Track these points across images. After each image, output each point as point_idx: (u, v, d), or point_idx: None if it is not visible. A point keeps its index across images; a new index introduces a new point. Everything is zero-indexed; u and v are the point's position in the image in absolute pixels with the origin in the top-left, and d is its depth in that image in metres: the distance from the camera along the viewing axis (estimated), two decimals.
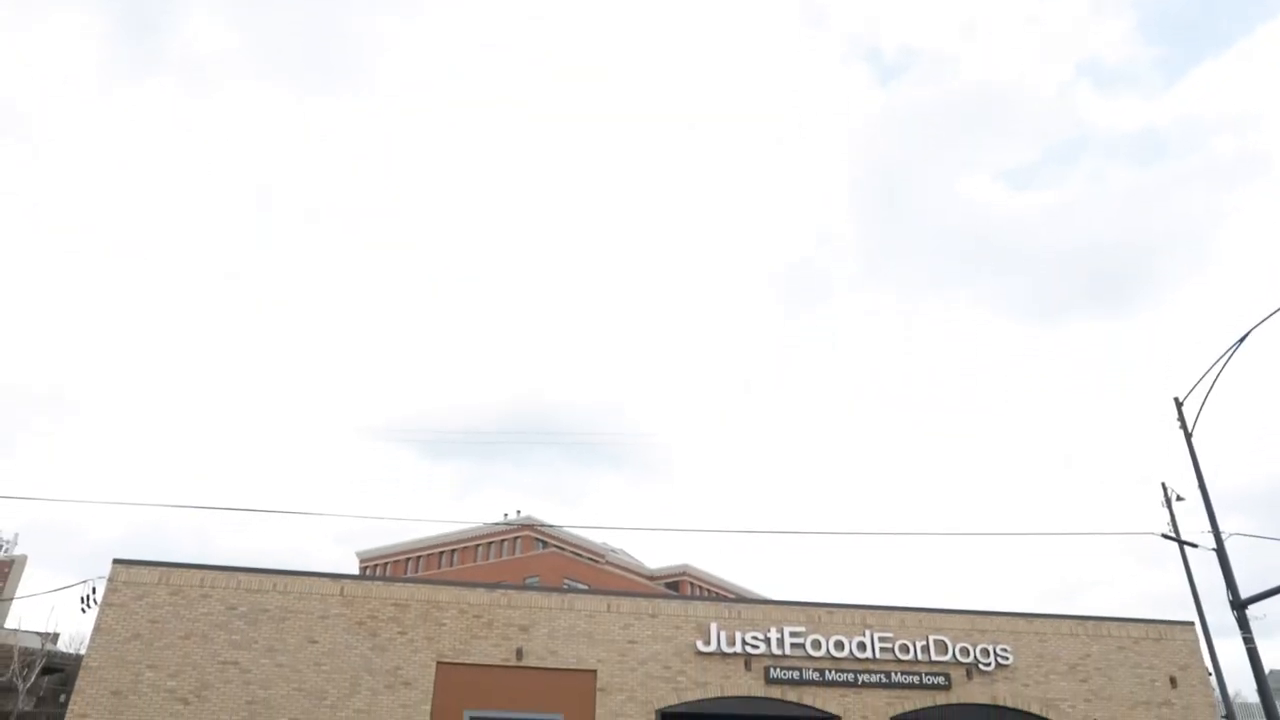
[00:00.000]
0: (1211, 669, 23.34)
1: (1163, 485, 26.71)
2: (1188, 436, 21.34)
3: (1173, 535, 24.06)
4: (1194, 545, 22.06)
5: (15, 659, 43.34)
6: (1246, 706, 30.77)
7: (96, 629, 17.90)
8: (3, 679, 42.85)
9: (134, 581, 18.39)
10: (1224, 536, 20.14)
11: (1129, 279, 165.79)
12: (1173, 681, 21.61)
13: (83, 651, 21.50)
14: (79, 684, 17.56)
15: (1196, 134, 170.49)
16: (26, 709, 44.57)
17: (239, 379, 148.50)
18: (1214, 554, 20.18)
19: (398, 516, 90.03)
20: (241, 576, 18.88)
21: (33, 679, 44.12)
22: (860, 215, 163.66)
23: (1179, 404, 21.87)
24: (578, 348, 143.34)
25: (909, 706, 20.14)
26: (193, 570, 18.81)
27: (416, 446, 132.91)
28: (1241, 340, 19.72)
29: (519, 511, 75.50)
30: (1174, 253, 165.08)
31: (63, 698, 42.64)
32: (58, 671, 48.15)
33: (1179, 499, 26.03)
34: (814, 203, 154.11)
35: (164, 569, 18.68)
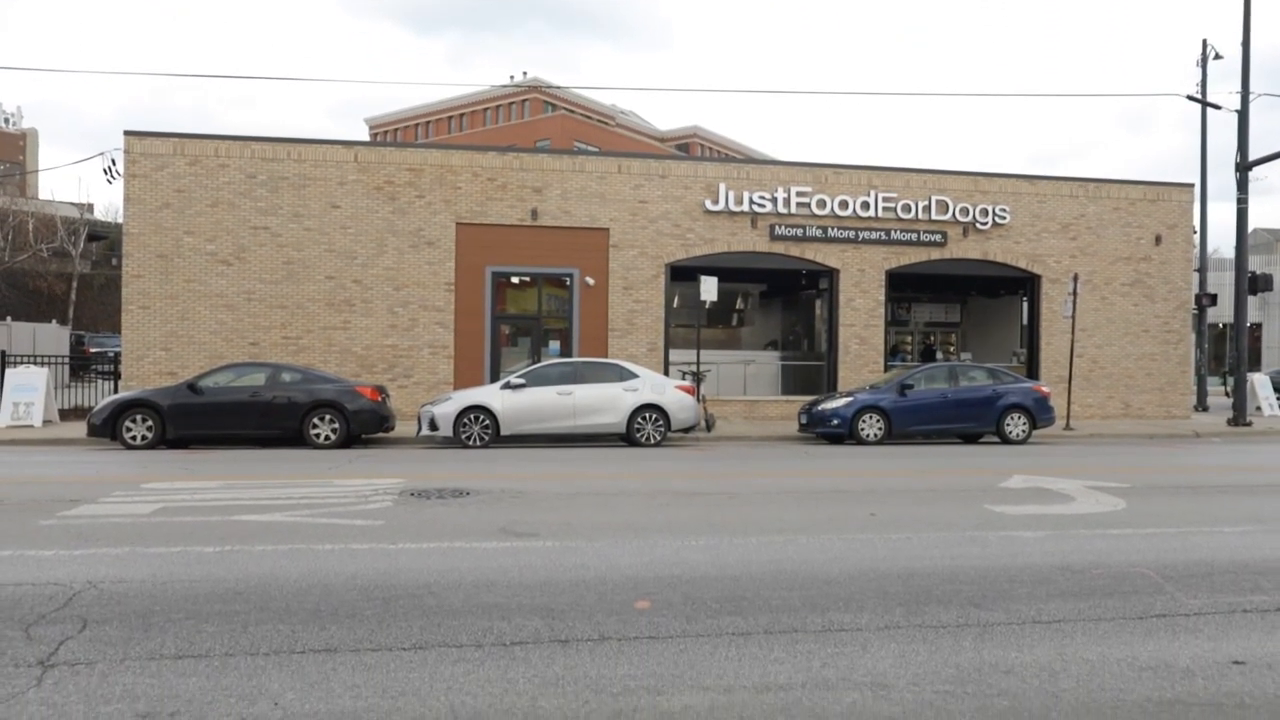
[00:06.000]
0: (1197, 227, 24.32)
1: (1203, 42, 25.28)
2: None
3: (1198, 97, 23.38)
4: (1217, 107, 21.54)
5: (60, 227, 45.81)
6: (1220, 261, 32.59)
7: (127, 199, 18.60)
8: (54, 245, 45.72)
9: (150, 153, 18.62)
10: (1250, 97, 19.59)
11: None
12: (1157, 239, 22.64)
13: (120, 220, 22.60)
14: (126, 248, 18.76)
15: None
16: (84, 271, 48.25)
17: None
18: (1234, 116, 19.80)
19: (402, 81, 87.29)
20: (255, 146, 19.04)
21: (81, 245, 47.09)
22: None
23: None
24: None
25: (904, 261, 21.47)
26: (206, 140, 18.93)
27: (399, 21, 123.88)
28: None
29: (525, 74, 72.98)
30: None
31: (114, 261, 45.89)
32: (102, 239, 51.15)
33: (1216, 57, 24.79)
34: None
35: (177, 139, 18.79)
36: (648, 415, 15.44)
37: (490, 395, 15.24)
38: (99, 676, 3.88)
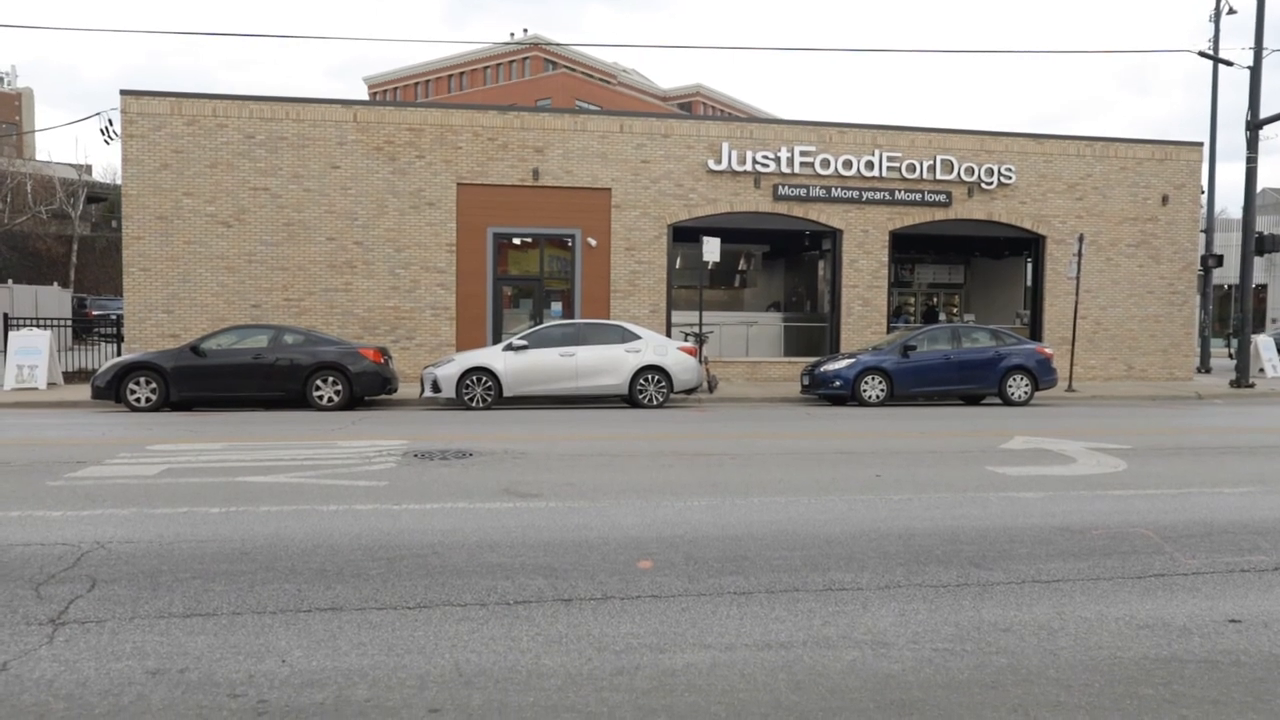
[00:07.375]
0: (1205, 188, 24.08)
1: None
2: None
3: (1210, 53, 23.01)
4: (1229, 64, 21.20)
5: (59, 188, 45.51)
6: (1227, 222, 32.30)
7: (125, 160, 18.46)
8: (53, 207, 45.47)
9: (147, 113, 18.43)
10: (1264, 52, 19.27)
11: None
12: (1164, 199, 22.43)
13: (119, 182, 22.46)
14: (125, 210, 18.67)
15: None
16: (84, 233, 48.05)
17: None
18: (1244, 75, 19.50)
19: (400, 39, 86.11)
20: (253, 105, 18.83)
21: (80, 207, 46.83)
22: None
23: None
24: None
25: (908, 221, 21.31)
26: (204, 100, 18.72)
27: None
28: None
29: (525, 30, 71.94)
30: None
31: (114, 223, 45.70)
32: (102, 200, 50.85)
33: (1230, 11, 24.36)
34: None
35: (174, 99, 18.59)
36: (650, 376, 15.45)
37: (493, 357, 15.24)
38: (109, 634, 3.93)
